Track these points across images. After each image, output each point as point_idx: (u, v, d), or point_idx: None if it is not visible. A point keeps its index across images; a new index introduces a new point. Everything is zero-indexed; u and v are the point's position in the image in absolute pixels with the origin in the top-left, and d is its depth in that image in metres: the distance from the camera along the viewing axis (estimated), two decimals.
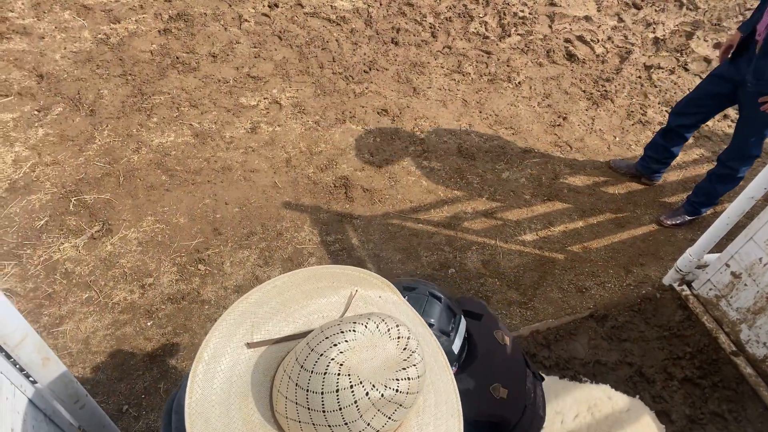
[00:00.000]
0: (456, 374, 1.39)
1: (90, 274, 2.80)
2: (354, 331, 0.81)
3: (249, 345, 0.92)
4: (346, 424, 0.78)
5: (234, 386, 0.88)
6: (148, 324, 2.66)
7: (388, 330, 0.83)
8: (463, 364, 1.42)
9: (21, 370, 1.49)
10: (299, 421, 0.81)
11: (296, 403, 0.80)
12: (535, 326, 2.80)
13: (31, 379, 1.52)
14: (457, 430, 0.96)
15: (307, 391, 0.79)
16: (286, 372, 0.84)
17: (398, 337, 0.83)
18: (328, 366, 0.78)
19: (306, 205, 3.26)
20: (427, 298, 1.36)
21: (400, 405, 0.80)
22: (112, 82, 3.78)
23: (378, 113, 3.88)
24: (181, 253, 2.94)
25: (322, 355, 0.79)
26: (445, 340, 1.34)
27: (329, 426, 0.78)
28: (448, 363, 1.04)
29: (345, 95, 3.97)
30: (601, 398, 1.95)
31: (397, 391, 0.78)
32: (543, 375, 1.74)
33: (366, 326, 0.82)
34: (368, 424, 0.78)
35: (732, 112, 4.20)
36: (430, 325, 1.32)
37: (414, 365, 0.81)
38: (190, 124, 3.60)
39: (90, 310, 2.68)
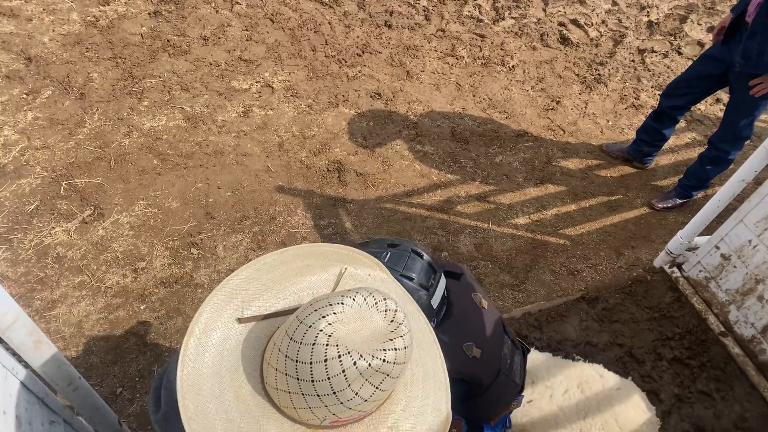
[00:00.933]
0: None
1: (82, 259, 2.80)
2: (342, 303, 0.82)
3: (240, 320, 0.92)
4: (334, 393, 0.79)
5: (225, 360, 0.89)
6: (141, 308, 2.67)
7: (376, 303, 0.84)
8: (440, 322, 1.45)
9: (13, 353, 1.49)
10: (289, 392, 0.82)
11: (286, 374, 0.81)
12: (527, 308, 2.82)
13: (23, 362, 1.52)
14: (445, 403, 0.98)
15: (296, 361, 0.80)
16: (276, 345, 0.85)
17: (386, 310, 0.84)
18: (316, 337, 0.79)
19: (299, 189, 3.25)
20: (409, 254, 1.40)
21: (388, 375, 0.81)
22: (102, 66, 3.74)
23: (371, 97, 3.86)
24: (174, 237, 2.94)
25: (310, 326, 0.80)
26: (424, 294, 1.37)
27: (318, 396, 0.80)
28: (436, 338, 1.05)
29: (338, 79, 3.94)
30: (593, 376, 1.97)
31: (384, 360, 0.80)
32: (528, 347, 1.76)
33: (354, 299, 0.83)
34: (356, 394, 0.80)
35: (724, 96, 4.20)
36: (410, 279, 1.34)
37: (401, 336, 0.82)
38: (182, 108, 3.57)
39: (82, 294, 2.67)
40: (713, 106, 4.19)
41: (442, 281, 1.45)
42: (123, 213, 3.00)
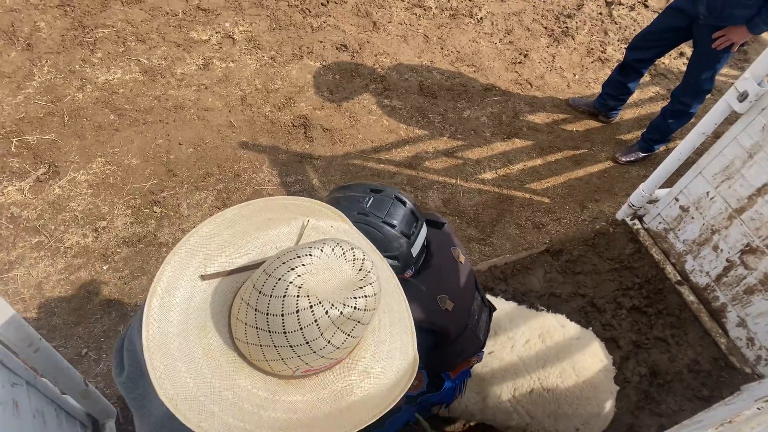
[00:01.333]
0: (409, 278, 1.45)
1: (38, 219, 2.70)
2: (310, 255, 0.82)
3: (203, 277, 0.91)
4: (307, 343, 0.80)
5: (191, 317, 0.88)
6: (104, 268, 2.61)
7: (344, 253, 0.85)
8: (418, 271, 1.46)
9: None
10: (260, 345, 0.82)
11: (256, 328, 0.81)
12: (492, 261, 2.87)
13: None
14: (411, 347, 1.01)
15: (267, 314, 0.80)
16: (244, 299, 0.84)
17: (354, 259, 0.85)
18: (286, 289, 0.79)
19: (264, 146, 3.18)
20: (392, 200, 1.39)
21: (359, 322, 0.82)
22: (50, 14, 3.52)
23: (337, 49, 3.75)
24: (135, 196, 2.85)
25: (280, 279, 0.80)
26: (404, 241, 1.37)
27: (290, 346, 0.80)
28: (400, 285, 1.07)
29: (302, 29, 3.81)
30: (554, 326, 2.03)
31: (355, 308, 0.81)
32: (495, 306, 1.80)
33: (322, 250, 0.83)
34: (329, 342, 0.81)
35: (688, 49, 4.24)
36: (392, 226, 1.35)
37: (370, 284, 0.84)
38: (138, 60, 3.40)
39: (41, 255, 2.59)
40: (677, 60, 4.23)
41: (424, 230, 1.45)
42: (80, 171, 2.89)
